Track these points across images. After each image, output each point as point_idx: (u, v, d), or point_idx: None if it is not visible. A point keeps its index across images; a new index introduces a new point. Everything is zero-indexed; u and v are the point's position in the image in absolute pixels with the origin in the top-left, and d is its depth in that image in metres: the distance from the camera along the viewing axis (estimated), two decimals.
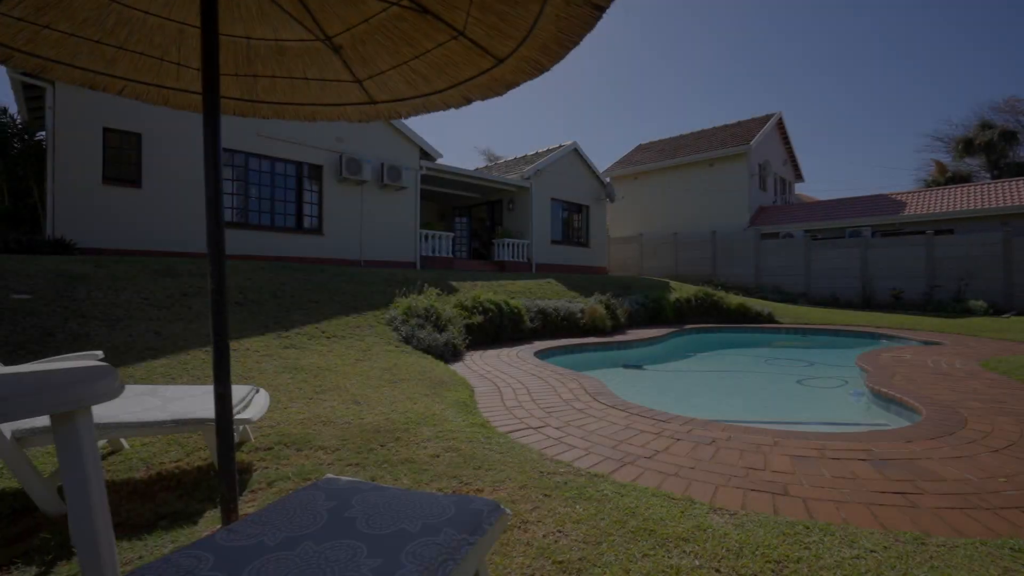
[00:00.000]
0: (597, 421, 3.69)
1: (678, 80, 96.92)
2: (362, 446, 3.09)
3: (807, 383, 6.51)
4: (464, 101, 3.31)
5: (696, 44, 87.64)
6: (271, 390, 4.21)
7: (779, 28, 79.69)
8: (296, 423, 3.48)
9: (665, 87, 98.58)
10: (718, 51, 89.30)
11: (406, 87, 3.26)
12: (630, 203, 24.68)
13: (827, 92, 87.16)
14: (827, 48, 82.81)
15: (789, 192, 24.73)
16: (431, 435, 3.29)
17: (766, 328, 12.03)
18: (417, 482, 2.55)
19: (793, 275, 18.18)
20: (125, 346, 4.83)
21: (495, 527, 1.34)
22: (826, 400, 5.75)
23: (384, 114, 3.72)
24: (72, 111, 8.94)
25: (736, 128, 23.07)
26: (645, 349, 9.56)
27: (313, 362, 5.18)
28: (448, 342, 6.79)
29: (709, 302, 13.49)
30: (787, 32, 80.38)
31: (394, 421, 3.56)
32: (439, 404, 4.07)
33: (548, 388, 4.85)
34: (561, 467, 2.74)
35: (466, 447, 3.06)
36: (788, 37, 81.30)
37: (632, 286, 14.82)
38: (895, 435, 3.25)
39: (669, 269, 21.56)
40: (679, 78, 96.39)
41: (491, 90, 3.01)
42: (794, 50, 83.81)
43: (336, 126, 12.46)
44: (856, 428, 4.27)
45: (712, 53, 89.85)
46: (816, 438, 3.18)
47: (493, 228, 19.29)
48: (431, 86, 3.15)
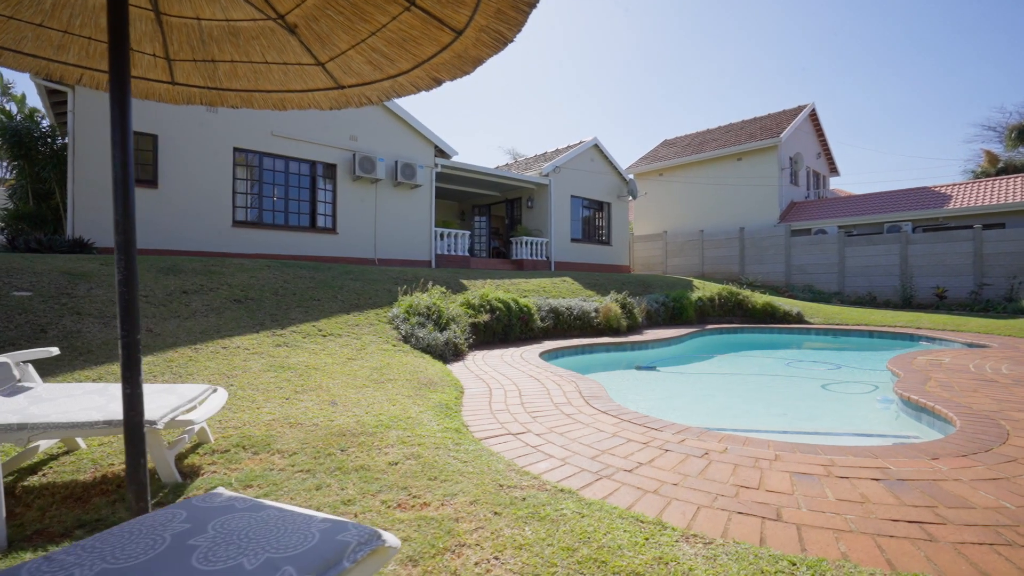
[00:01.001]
0: (583, 428, 3.40)
1: (708, 75, 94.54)
2: (321, 450, 2.89)
3: (832, 388, 6.01)
4: (433, 82, 3.13)
5: (727, 36, 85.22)
6: (251, 389, 4.08)
7: (813, 15, 76.67)
8: (263, 424, 3.32)
9: (695, 83, 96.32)
10: (749, 43, 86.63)
11: (371, 69, 3.09)
12: (654, 200, 24.03)
13: (865, 82, 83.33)
14: (866, 35, 79.18)
15: (823, 187, 23.59)
16: (398, 440, 3.07)
17: (794, 329, 11.38)
18: (363, 492, 2.33)
19: (826, 273, 17.26)
20: (115, 343, 4.79)
21: (363, 565, 1.09)
22: (851, 407, 5.26)
23: (354, 100, 3.53)
24: (92, 114, 9.15)
25: (766, 121, 22.14)
26: (661, 350, 9.14)
27: (302, 361, 5.05)
28: (449, 341, 6.58)
29: (733, 301, 12.89)
30: (822, 19, 77.23)
31: (365, 424, 3.36)
32: (419, 406, 3.85)
33: (541, 391, 4.57)
34: (526, 480, 2.47)
35: (430, 454, 2.83)
36: (823, 24, 78.11)
37: (653, 284, 14.34)
38: (919, 450, 2.83)
39: (695, 268, 20.86)
40: (709, 73, 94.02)
41: (459, 68, 2.84)
42: (830, 38, 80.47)
43: (351, 125, 12.46)
44: (881, 440, 3.84)
45: (743, 45, 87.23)
46: (824, 452, 2.80)
47: (512, 226, 19.04)
48: (396, 66, 2.98)
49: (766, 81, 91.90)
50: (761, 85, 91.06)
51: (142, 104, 9.63)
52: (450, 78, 2.98)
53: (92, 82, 2.93)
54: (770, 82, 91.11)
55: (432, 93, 52.51)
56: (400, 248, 13.43)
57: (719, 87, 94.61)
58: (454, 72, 2.92)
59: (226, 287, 6.79)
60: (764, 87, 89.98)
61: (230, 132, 10.66)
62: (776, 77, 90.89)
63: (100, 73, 2.92)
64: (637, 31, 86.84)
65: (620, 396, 6.13)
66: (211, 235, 10.38)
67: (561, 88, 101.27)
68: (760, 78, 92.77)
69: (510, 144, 67.31)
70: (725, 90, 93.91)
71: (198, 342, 5.14)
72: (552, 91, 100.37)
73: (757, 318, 12.59)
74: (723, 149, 21.15)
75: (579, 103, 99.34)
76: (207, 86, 3.39)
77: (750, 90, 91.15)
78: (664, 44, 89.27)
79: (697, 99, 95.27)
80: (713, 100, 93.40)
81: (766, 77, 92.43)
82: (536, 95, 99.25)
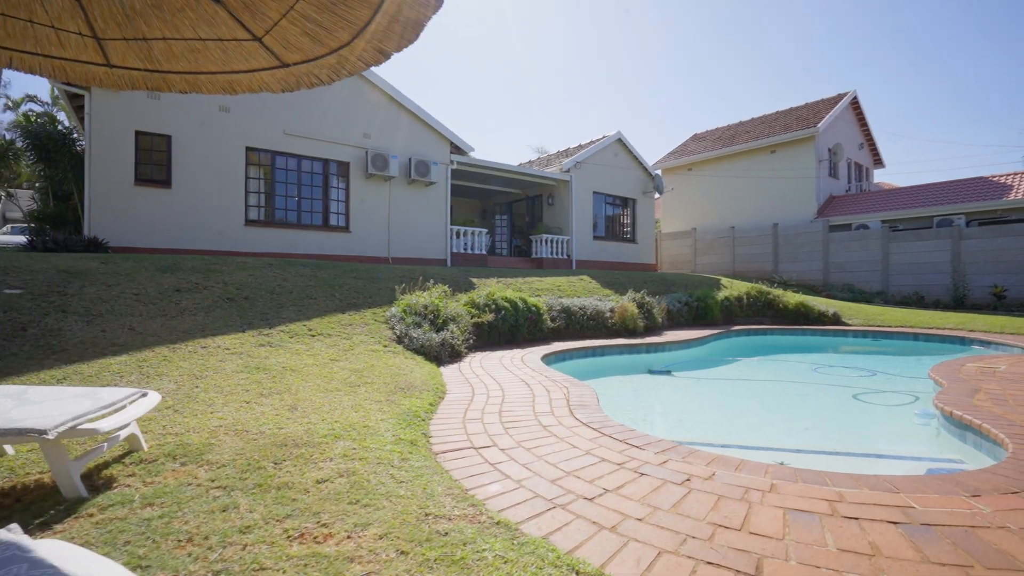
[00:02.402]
0: (556, 443, 2.99)
1: (744, 67, 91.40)
2: (253, 464, 2.60)
3: (864, 398, 5.34)
4: (379, 54, 2.85)
5: (764, 25, 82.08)
6: (214, 392, 3.86)
7: None
8: (207, 431, 3.06)
9: (730, 75, 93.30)
10: (787, 32, 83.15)
11: (311, 42, 2.81)
12: (683, 196, 23.13)
13: (917, 67, 78.54)
14: (919, 15, 74.65)
15: (867, 179, 22.15)
16: (341, 453, 2.75)
17: (829, 330, 10.54)
18: (269, 518, 2.01)
19: (868, 271, 16.09)
20: (92, 342, 4.69)
21: None
22: (884, 422, 4.63)
23: (304, 79, 3.26)
24: (107, 116, 9.30)
25: (802, 111, 20.93)
26: (680, 352, 8.57)
27: (281, 361, 4.82)
28: (445, 342, 6.26)
29: (763, 301, 12.10)
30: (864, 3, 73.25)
31: (314, 433, 3.06)
32: (384, 413, 3.53)
33: (527, 398, 4.18)
34: (461, 507, 2.09)
35: (368, 471, 2.49)
36: (870, 4, 74.08)
37: (677, 283, 13.67)
38: (955, 483, 2.30)
39: (725, 266, 19.93)
40: (746, 64, 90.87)
41: (400, 36, 2.57)
42: (877, 20, 76.27)
43: (364, 122, 12.34)
44: (914, 463, 3.27)
45: (781, 34, 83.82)
46: (834, 482, 2.31)
47: (533, 224, 18.63)
48: (335, 37, 2.70)
49: (807, 71, 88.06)
50: (801, 76, 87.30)
51: (157, 105, 9.76)
52: (395, 48, 2.72)
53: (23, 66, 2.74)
54: (811, 73, 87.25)
55: (462, 90, 51.60)
56: (414, 247, 13.25)
57: (755, 83, 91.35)
58: (398, 40, 2.67)
59: (221, 285, 6.69)
60: (804, 79, 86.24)
61: (243, 132, 10.69)
62: (818, 67, 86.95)
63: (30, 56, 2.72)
64: (669, 28, 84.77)
65: (623, 404, 5.66)
66: (224, 234, 10.42)
67: (592, 86, 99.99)
68: (800, 68, 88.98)
69: (540, 142, 66.80)
70: (761, 85, 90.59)
71: (179, 341, 4.99)
72: (584, 89, 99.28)
73: (789, 319, 11.77)
74: (756, 141, 20.11)
75: (610, 100, 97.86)
76: (147, 68, 3.17)
77: (789, 84, 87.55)
78: (697, 40, 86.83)
79: (731, 96, 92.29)
80: (748, 98, 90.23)
81: (807, 65, 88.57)
82: (568, 93, 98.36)
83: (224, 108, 10.46)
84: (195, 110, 10.10)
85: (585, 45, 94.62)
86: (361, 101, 12.34)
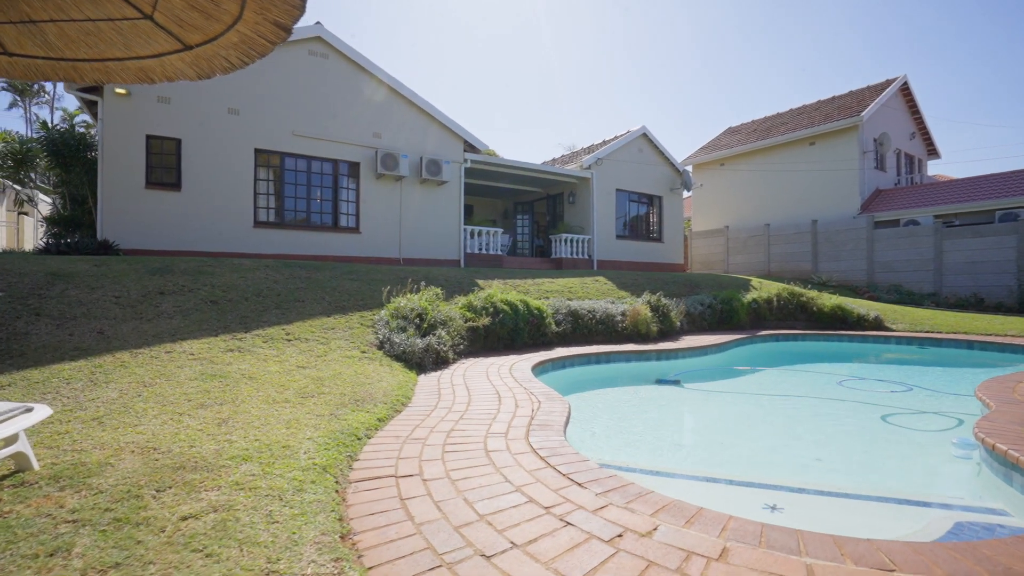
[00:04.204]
0: (491, 475, 2.55)
1: (787, 59, 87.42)
2: (133, 491, 2.29)
3: (895, 420, 4.59)
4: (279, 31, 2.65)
5: (811, 13, 78.20)
6: (153, 401, 3.62)
7: None
8: (115, 448, 2.79)
9: (771, 68, 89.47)
10: (836, 18, 78.91)
11: (201, 18, 2.55)
12: (715, 193, 22.04)
13: (974, 50, 72.95)
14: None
15: (919, 171, 20.44)
16: (236, 480, 2.40)
17: (869, 336, 9.58)
18: (87, 567, 1.67)
19: (918, 271, 14.74)
20: (54, 346, 4.57)
21: None
22: (914, 452, 3.90)
23: (217, 64, 3.01)
24: (119, 121, 9.46)
25: (845, 99, 19.51)
26: (694, 360, 7.92)
27: (243, 368, 4.57)
28: (430, 348, 5.89)
29: (795, 303, 11.20)
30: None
31: (224, 454, 2.73)
32: (318, 431, 3.18)
33: (489, 415, 3.75)
34: (322, 562, 1.69)
35: (248, 505, 2.13)
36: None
37: (702, 284, 12.88)
38: (978, 557, 1.72)
39: (759, 266, 18.81)
40: (789, 56, 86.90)
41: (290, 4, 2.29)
42: (926, 2, 71.28)
43: (374, 122, 12.20)
44: (942, 512, 2.64)
45: (831, 20, 79.63)
46: (809, 548, 1.76)
47: (554, 223, 18.11)
48: (223, 10, 2.46)
49: (851, 61, 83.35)
50: (844, 67, 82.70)
51: (167, 109, 9.85)
52: (290, 20, 2.52)
53: None
54: (855, 64, 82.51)
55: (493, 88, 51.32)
56: (426, 247, 13.00)
57: (795, 77, 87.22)
58: (289, 11, 2.39)
59: (207, 288, 6.56)
60: (847, 70, 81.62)
61: (251, 133, 10.71)
62: (862, 57, 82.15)
63: None
64: (702, 25, 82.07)
65: (614, 419, 5.10)
66: (233, 236, 10.45)
67: (623, 83, 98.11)
68: (845, 59, 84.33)
69: (571, 140, 65.84)
70: (800, 81, 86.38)
71: (144, 346, 4.83)
72: (615, 87, 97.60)
73: (824, 323, 10.83)
74: (793, 133, 18.88)
75: (641, 98, 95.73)
76: (50, 56, 2.96)
77: (832, 76, 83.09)
78: (734, 33, 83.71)
79: (771, 91, 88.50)
80: (789, 92, 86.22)
81: (853, 55, 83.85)
82: (598, 92, 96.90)
83: (233, 110, 10.50)
84: (204, 113, 10.17)
85: (616, 42, 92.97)
86: (371, 100, 12.20)
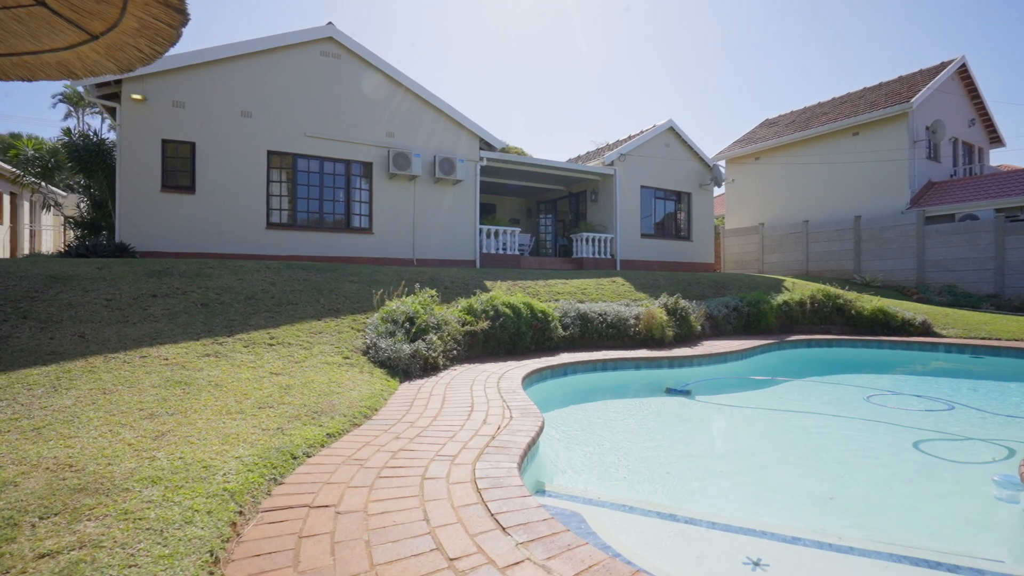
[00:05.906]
0: (410, 511, 2.21)
1: (837, 45, 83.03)
2: (11, 519, 2.05)
3: (929, 447, 3.92)
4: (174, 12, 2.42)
5: None
6: (106, 411, 3.46)
7: None
8: (30, 465, 2.60)
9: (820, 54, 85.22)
10: None
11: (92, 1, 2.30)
12: (749, 188, 20.96)
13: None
14: None
15: (980, 161, 18.76)
16: (125, 509, 2.15)
17: (914, 343, 8.70)
18: None
19: (975, 270, 13.44)
20: (31, 350, 4.53)
21: None
22: (947, 490, 3.23)
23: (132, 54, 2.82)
24: (136, 126, 9.66)
25: (894, 85, 18.11)
26: (711, 368, 7.34)
27: (212, 375, 4.40)
28: (417, 353, 5.60)
29: (831, 306, 10.34)
30: None
31: (135, 475, 2.49)
32: (254, 448, 2.92)
33: (448, 432, 3.41)
34: None
35: (120, 540, 1.87)
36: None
37: (731, 285, 12.14)
38: None
39: (797, 265, 17.70)
40: (839, 42, 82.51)
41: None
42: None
43: (387, 121, 12.08)
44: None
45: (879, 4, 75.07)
46: None
47: (576, 222, 17.59)
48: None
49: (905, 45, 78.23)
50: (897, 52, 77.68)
51: (182, 113, 9.99)
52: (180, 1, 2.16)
53: None
54: (910, 47, 77.36)
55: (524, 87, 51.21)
56: (441, 247, 12.79)
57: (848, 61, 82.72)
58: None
59: (201, 291, 6.50)
60: (900, 55, 76.66)
61: (264, 136, 10.76)
62: (918, 39, 76.96)
63: None
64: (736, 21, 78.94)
65: (606, 436, 4.63)
66: (246, 238, 10.53)
67: (656, 85, 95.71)
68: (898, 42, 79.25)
69: (604, 137, 64.59)
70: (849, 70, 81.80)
71: (120, 351, 4.74)
72: (646, 83, 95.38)
73: (864, 328, 9.94)
74: (835, 123, 17.66)
75: (675, 95, 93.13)
76: None
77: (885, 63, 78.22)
78: (775, 26, 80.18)
79: (817, 80, 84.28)
80: (839, 78, 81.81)
81: (907, 38, 78.70)
82: (630, 92, 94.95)
83: (246, 113, 10.58)
84: (217, 116, 10.28)
85: (653, 38, 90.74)
86: (384, 99, 12.08)
